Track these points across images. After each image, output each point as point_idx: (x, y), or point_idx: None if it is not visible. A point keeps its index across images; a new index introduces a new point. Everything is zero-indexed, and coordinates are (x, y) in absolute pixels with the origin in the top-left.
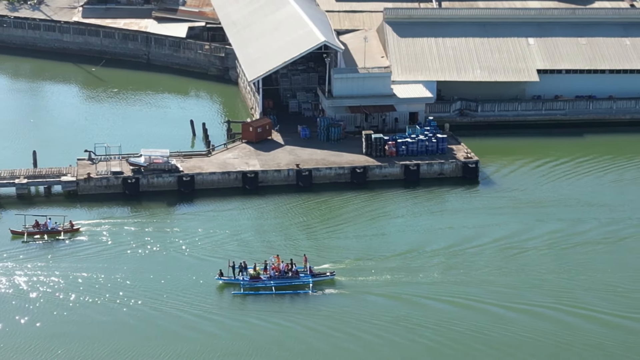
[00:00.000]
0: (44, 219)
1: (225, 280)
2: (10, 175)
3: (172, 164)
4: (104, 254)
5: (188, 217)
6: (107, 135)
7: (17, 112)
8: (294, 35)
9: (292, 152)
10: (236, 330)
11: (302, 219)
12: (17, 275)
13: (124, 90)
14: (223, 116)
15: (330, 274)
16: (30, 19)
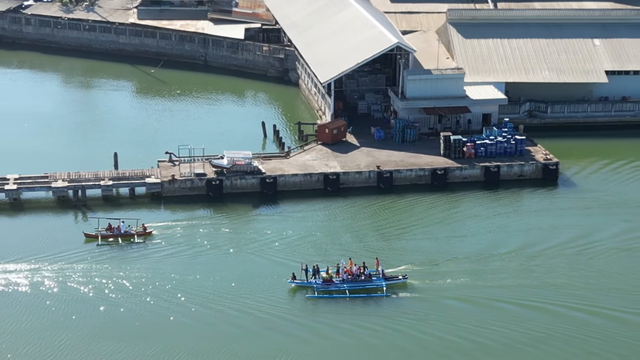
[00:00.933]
0: (117, 222)
1: (297, 284)
2: (95, 177)
3: (255, 166)
4: (178, 256)
5: (267, 218)
6: (179, 137)
7: (86, 114)
8: (363, 37)
9: (370, 154)
10: (310, 332)
11: (381, 220)
12: (92, 277)
13: (187, 92)
14: (284, 117)
15: (402, 277)
16: (86, 21)
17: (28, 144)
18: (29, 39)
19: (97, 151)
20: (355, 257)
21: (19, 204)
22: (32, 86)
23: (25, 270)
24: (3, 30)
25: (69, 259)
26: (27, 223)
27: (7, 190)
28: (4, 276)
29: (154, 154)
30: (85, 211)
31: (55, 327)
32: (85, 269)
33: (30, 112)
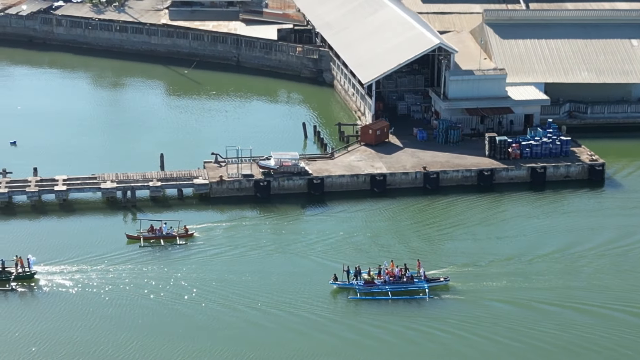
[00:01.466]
0: (159, 224)
1: (339, 285)
2: (143, 178)
3: (302, 167)
4: (222, 257)
5: (313, 219)
6: (219, 137)
7: (125, 114)
8: (403, 38)
9: (414, 155)
10: (354, 333)
11: (426, 221)
12: (136, 278)
13: (222, 92)
14: (322, 118)
15: (444, 279)
16: (117, 21)
17: (70, 145)
18: (59, 39)
19: (140, 152)
20: (399, 259)
21: (67, 205)
22: (68, 87)
23: (69, 271)
24: (34, 31)
25: (111, 261)
26: (73, 224)
27: (57, 191)
28: (49, 277)
29: (197, 154)
30: (135, 212)
31: (101, 326)
32: (129, 270)
33: (68, 113)
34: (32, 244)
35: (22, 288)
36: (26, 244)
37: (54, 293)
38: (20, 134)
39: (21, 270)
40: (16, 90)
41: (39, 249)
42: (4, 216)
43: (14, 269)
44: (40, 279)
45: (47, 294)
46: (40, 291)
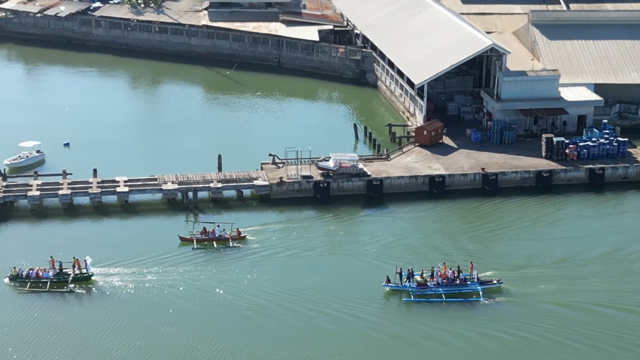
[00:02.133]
0: (212, 226)
1: (392, 287)
2: (203, 179)
3: (360, 168)
4: (276, 258)
5: (370, 220)
6: (270, 139)
7: (172, 116)
8: (453, 39)
9: (470, 156)
10: (410, 335)
11: (484, 223)
12: (189, 280)
13: (267, 94)
14: (369, 119)
15: (497, 282)
16: (156, 23)
17: (122, 146)
18: (98, 40)
19: (194, 153)
20: (454, 261)
21: (129, 207)
22: (111, 88)
23: (124, 273)
24: (72, 32)
25: (166, 263)
26: (131, 225)
27: (119, 192)
28: (106, 279)
29: (251, 155)
30: (197, 213)
31: (157, 328)
32: (183, 272)
33: (114, 114)
34: (90, 245)
35: (80, 290)
36: (85, 245)
37: (110, 295)
38: (71, 134)
39: (78, 271)
40: (61, 91)
41: (97, 250)
42: (66, 217)
43: (71, 271)
44: (97, 281)
45: (103, 295)
46: (97, 293)
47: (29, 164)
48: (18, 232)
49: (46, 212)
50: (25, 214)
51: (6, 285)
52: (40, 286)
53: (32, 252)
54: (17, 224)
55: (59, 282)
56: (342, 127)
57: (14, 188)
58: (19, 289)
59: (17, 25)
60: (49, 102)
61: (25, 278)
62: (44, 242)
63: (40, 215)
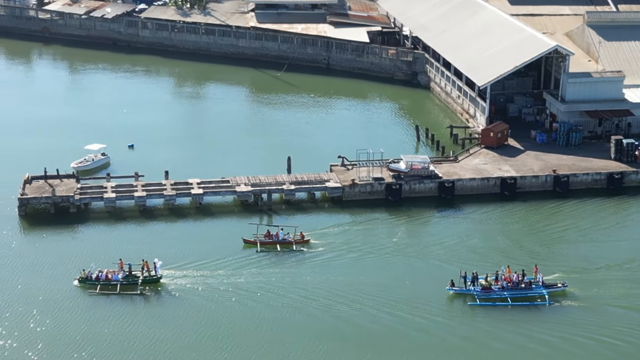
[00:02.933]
0: (276, 229)
1: (456, 291)
2: (275, 182)
3: (432, 170)
4: (338, 261)
5: (440, 222)
6: (332, 140)
7: (229, 117)
8: (514, 40)
9: (538, 158)
10: (477, 339)
11: (556, 225)
12: (255, 282)
13: (320, 95)
14: (422, 121)
15: (562, 285)
16: (204, 24)
17: (184, 148)
18: (145, 42)
19: (257, 154)
20: (526, 264)
21: (203, 209)
22: (163, 89)
23: (192, 276)
24: (119, 34)
25: (231, 265)
26: (199, 227)
27: (194, 194)
28: (175, 281)
29: (315, 156)
30: (271, 215)
31: (225, 329)
32: (248, 274)
33: (169, 116)
34: (160, 248)
35: (149, 292)
36: (154, 247)
37: (179, 297)
38: (132, 136)
39: (147, 274)
40: (113, 93)
41: (166, 252)
42: (140, 219)
43: (140, 273)
44: (166, 283)
45: (172, 298)
46: (166, 295)
47: (95, 167)
48: (92, 234)
49: (121, 214)
50: (101, 216)
51: (75, 287)
52: (110, 288)
53: (103, 254)
54: (92, 226)
55: (128, 284)
56: (399, 128)
57: (89, 190)
58: (90, 291)
59: (62, 27)
60: (103, 103)
61: (94, 280)
62: (115, 245)
63: (115, 217)
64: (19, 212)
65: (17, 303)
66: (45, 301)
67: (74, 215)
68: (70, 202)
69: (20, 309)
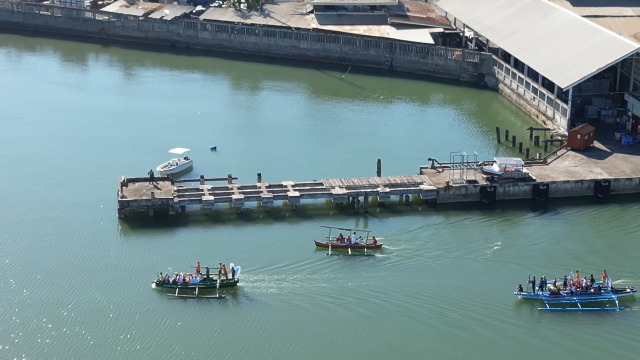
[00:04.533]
0: (348, 233)
1: (524, 296)
2: (369, 184)
3: (525, 173)
4: (410, 264)
5: (536, 223)
6: (411, 141)
7: (303, 118)
8: (593, 41)
9: (627, 160)
10: (549, 345)
11: None
12: (326, 285)
13: (388, 97)
14: (495, 122)
15: (631, 290)
16: (264, 26)
17: (264, 150)
18: (204, 44)
19: (342, 156)
20: (597, 268)
21: (300, 211)
22: (230, 91)
23: (268, 279)
24: (177, 35)
25: (305, 269)
26: (296, 229)
27: (291, 197)
28: (252, 285)
29: (401, 159)
30: (368, 217)
31: (304, 332)
32: (321, 278)
33: (242, 118)
34: (247, 251)
35: (227, 296)
36: (242, 251)
37: (255, 301)
38: (210, 138)
39: (224, 277)
40: (189, 96)
41: (251, 256)
42: (239, 222)
43: (217, 277)
44: (244, 287)
45: (250, 302)
46: (244, 299)
47: (179, 171)
48: (192, 237)
49: (219, 217)
50: (199, 219)
51: (154, 290)
52: (188, 292)
53: (202, 256)
54: (191, 229)
55: (206, 288)
56: (474, 130)
57: (185, 193)
58: (168, 294)
59: (120, 29)
60: (180, 106)
61: (172, 284)
62: (213, 247)
63: (214, 219)
64: (118, 214)
65: (94, 306)
66: (122, 304)
67: (173, 218)
68: (169, 204)
69: (96, 314)
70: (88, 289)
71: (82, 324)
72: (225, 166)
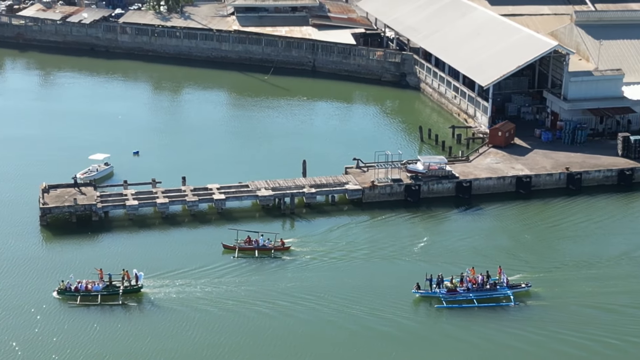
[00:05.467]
0: (256, 236)
1: (422, 294)
2: (295, 185)
3: (449, 170)
4: (315, 265)
5: (455, 220)
6: (337, 142)
7: (227, 121)
8: (512, 40)
9: (548, 156)
10: (443, 342)
11: (567, 220)
12: (224, 287)
13: (311, 98)
14: (409, 121)
15: (526, 285)
16: (185, 28)
17: (184, 154)
18: (124, 47)
19: (264, 158)
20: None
21: (225, 213)
22: (149, 94)
23: (173, 285)
24: (97, 39)
25: (211, 273)
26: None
27: (216, 200)
28: (155, 290)
29: (325, 160)
30: (294, 218)
31: (207, 337)
32: (224, 281)
33: (163, 122)
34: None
35: (130, 302)
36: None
37: (158, 307)
38: (132, 143)
39: (128, 284)
40: (110, 100)
41: (155, 261)
42: (164, 226)
43: (120, 283)
44: (148, 293)
45: (154, 308)
46: (148, 305)
47: (100, 177)
48: (115, 243)
49: (143, 221)
50: (123, 224)
51: (55, 299)
52: (90, 299)
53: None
54: (115, 234)
55: (109, 295)
56: (398, 129)
57: (109, 198)
58: (70, 302)
59: (37, 33)
60: (103, 110)
61: (74, 291)
62: (120, 253)
63: (138, 224)
64: (40, 222)
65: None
66: (22, 314)
67: (96, 224)
68: (92, 210)
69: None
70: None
71: None
72: (148, 170)
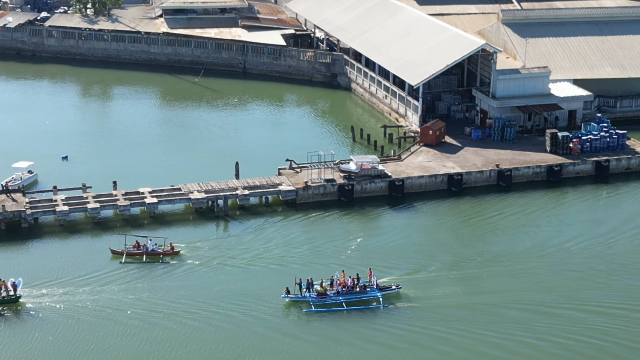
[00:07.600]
0: (145, 240)
1: (291, 298)
2: (228, 187)
3: (382, 170)
4: (200, 271)
5: (392, 219)
6: (266, 144)
7: (157, 125)
8: (441, 39)
9: (478, 153)
10: (311, 346)
11: (496, 219)
12: (109, 293)
13: (244, 100)
14: (339, 121)
15: (396, 287)
16: (113, 31)
17: (118, 158)
18: (50, 51)
19: (199, 161)
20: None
21: (158, 217)
22: (76, 99)
23: (55, 293)
24: (22, 43)
25: (97, 280)
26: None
27: (148, 203)
28: (35, 300)
29: (257, 161)
30: (228, 220)
31: (87, 347)
32: (109, 289)
33: (91, 126)
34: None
35: (7, 313)
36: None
37: (37, 318)
38: (62, 147)
39: (5, 294)
40: (37, 104)
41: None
42: (95, 231)
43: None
44: (26, 303)
45: (32, 318)
46: (26, 315)
47: (25, 186)
48: (42, 248)
49: (74, 227)
50: (53, 230)
51: None
52: None
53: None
54: (42, 241)
55: None
56: (330, 129)
57: (38, 204)
58: None
59: None
60: (21, 116)
61: None
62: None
63: (69, 230)
64: None
65: None
66: None
67: (26, 230)
68: (21, 216)
69: None
70: None
71: None
72: (78, 175)
